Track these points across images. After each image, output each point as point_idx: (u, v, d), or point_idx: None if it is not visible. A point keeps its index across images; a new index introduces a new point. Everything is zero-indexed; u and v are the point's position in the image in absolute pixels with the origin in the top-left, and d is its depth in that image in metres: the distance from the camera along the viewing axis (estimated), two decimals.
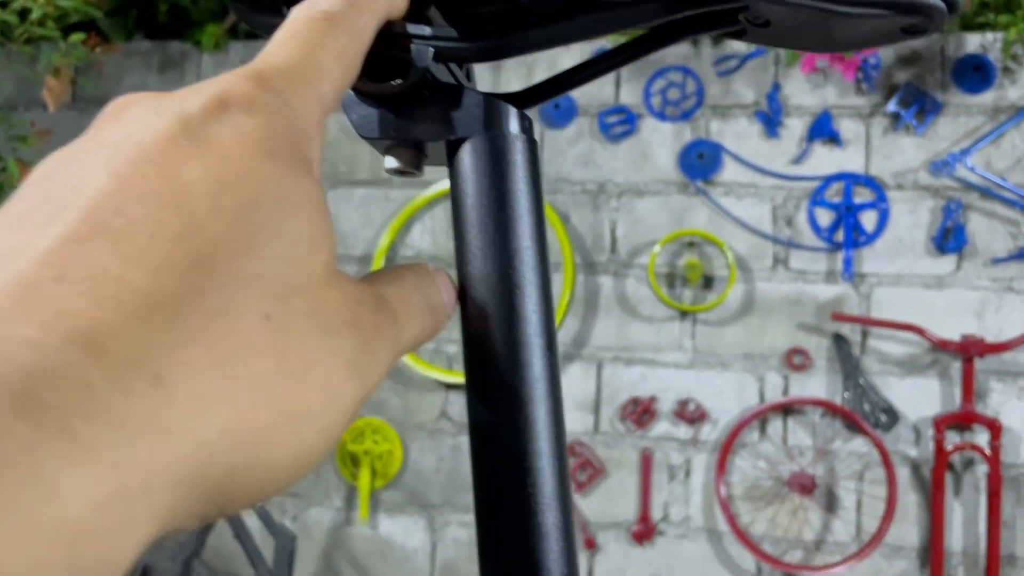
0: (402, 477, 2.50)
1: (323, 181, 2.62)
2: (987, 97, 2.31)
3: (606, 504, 2.39)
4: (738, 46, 2.41)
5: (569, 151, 2.52)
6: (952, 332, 2.26)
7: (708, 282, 2.41)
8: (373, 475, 2.48)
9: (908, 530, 2.25)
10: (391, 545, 2.48)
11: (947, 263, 2.31)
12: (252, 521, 2.37)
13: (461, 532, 2.45)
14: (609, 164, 2.50)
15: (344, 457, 2.50)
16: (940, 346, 2.22)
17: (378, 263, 2.53)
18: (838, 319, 2.26)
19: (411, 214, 2.56)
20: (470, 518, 2.45)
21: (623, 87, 2.50)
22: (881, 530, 2.19)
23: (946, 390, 2.27)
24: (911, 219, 2.34)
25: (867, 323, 2.28)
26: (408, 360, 2.47)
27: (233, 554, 2.49)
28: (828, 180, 2.37)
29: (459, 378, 2.45)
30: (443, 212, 2.57)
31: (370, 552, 2.49)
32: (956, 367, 2.26)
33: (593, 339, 2.45)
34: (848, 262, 2.32)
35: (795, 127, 2.41)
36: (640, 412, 2.40)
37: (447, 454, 2.49)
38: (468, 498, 2.46)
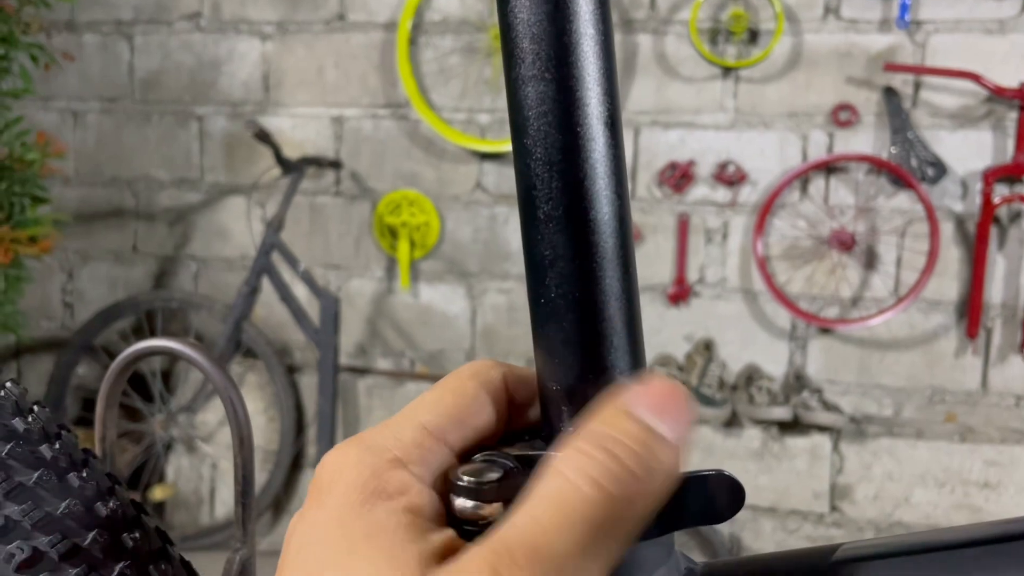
0: (440, 247, 2.53)
1: None
2: None
3: (642, 268, 2.41)
4: None
5: None
6: (1011, 80, 2.14)
7: (753, 36, 2.28)
8: (412, 246, 2.51)
9: (947, 284, 2.25)
10: (432, 312, 2.55)
11: (1010, 6, 2.15)
12: (298, 289, 2.43)
13: (499, 299, 2.50)
14: None
15: (382, 229, 2.52)
16: (996, 93, 2.11)
17: (404, 28, 2.42)
18: (890, 69, 2.15)
19: None
20: (508, 285, 2.49)
21: None
22: (920, 282, 2.18)
23: (998, 142, 2.19)
24: None
25: (921, 72, 2.16)
26: (441, 131, 2.42)
27: (282, 322, 2.58)
28: None
29: (493, 147, 2.41)
30: None
31: (412, 319, 2.56)
32: (1011, 117, 2.16)
33: (630, 103, 2.37)
34: (904, 8, 2.17)
35: None
36: (678, 176, 2.36)
37: (483, 224, 2.50)
38: (505, 266, 2.49)
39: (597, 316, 0.27)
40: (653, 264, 2.41)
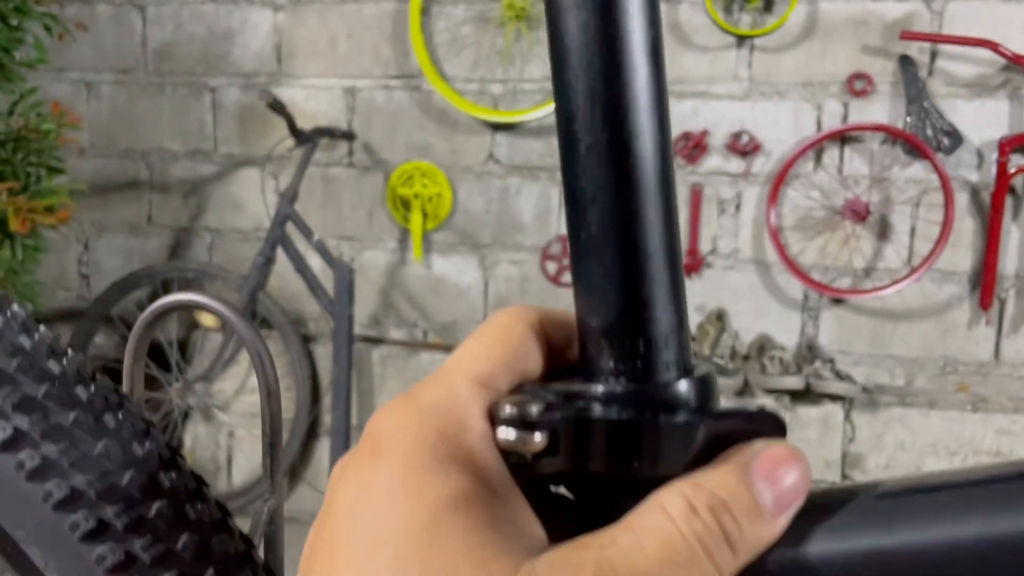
0: (452, 219, 2.53)
1: None
2: None
3: None
4: None
5: None
6: None
7: (768, 4, 2.26)
8: (424, 217, 2.51)
9: (961, 255, 2.24)
10: (445, 283, 2.56)
11: None
12: (312, 260, 2.44)
13: (512, 270, 2.51)
14: None
15: (395, 201, 2.53)
16: (1014, 61, 2.09)
17: None
18: (906, 37, 2.13)
19: None
20: (520, 256, 2.49)
21: None
22: (934, 252, 2.18)
23: (1015, 111, 2.17)
24: None
25: (937, 40, 2.14)
26: (453, 102, 2.42)
27: (296, 293, 2.60)
28: None
29: (506, 118, 2.41)
30: None
31: (425, 290, 2.57)
32: None
33: None
34: None
35: None
36: (691, 147, 2.35)
37: (496, 196, 2.50)
38: (518, 237, 2.49)
39: (638, 250, 0.27)
40: None
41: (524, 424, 0.26)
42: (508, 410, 0.26)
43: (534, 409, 0.26)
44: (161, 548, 0.36)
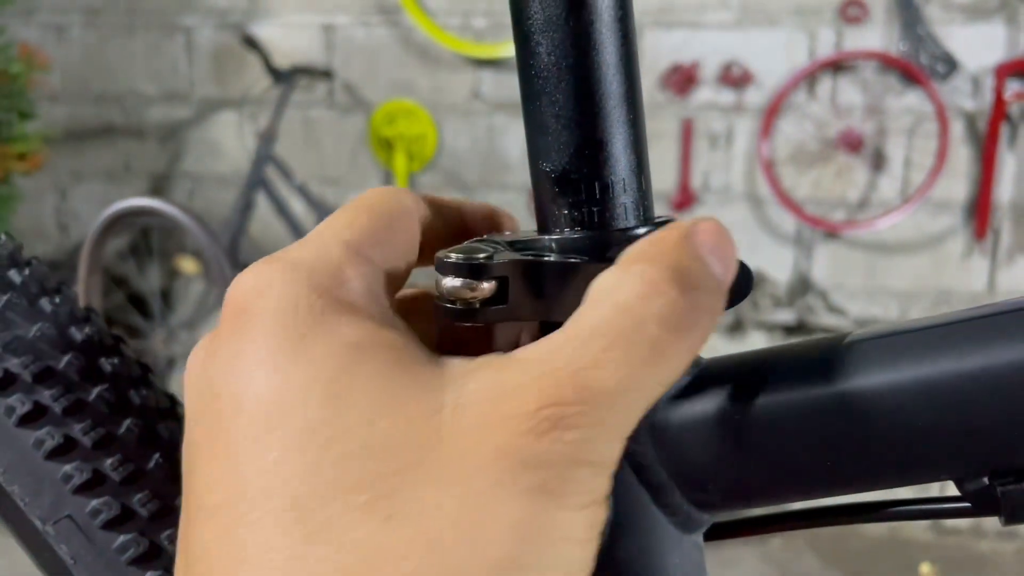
0: (438, 160, 2.47)
1: None
2: None
3: None
4: None
5: None
6: None
7: None
8: (409, 159, 2.45)
9: (956, 185, 2.21)
10: None
11: None
12: (295, 205, 2.39)
13: None
14: None
15: (379, 142, 2.47)
16: None
17: None
18: None
19: None
20: (507, 197, 2.45)
21: None
22: (928, 183, 2.14)
23: (1012, 36, 2.11)
24: None
25: None
26: (435, 37, 2.34)
27: (279, 239, 2.55)
28: None
29: (490, 53, 2.34)
30: None
31: None
32: None
33: None
34: None
35: None
36: (682, 80, 2.29)
37: (481, 135, 2.44)
38: (505, 177, 2.44)
39: (592, 84, 0.25)
40: (656, 171, 2.35)
41: (471, 271, 0.24)
42: (453, 256, 0.24)
43: (482, 254, 0.24)
44: (102, 432, 0.32)
